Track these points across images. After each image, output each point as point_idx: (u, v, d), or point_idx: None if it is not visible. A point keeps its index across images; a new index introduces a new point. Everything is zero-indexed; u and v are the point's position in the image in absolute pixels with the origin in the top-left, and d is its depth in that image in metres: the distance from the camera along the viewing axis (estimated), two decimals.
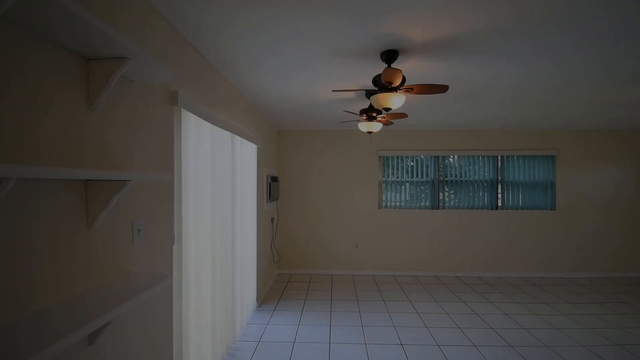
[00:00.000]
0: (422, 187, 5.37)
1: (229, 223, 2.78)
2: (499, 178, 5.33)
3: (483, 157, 5.35)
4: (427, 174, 5.37)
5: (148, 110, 1.63)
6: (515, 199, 5.33)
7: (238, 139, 3.02)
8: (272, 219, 4.75)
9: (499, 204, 5.32)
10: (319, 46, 2.23)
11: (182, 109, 1.92)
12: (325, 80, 2.93)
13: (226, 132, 2.69)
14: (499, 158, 5.33)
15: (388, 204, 5.33)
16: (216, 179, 2.46)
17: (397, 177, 5.37)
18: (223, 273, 2.64)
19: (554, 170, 5.28)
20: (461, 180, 5.36)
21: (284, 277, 5.00)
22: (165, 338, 1.79)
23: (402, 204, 5.35)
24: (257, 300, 3.80)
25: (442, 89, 2.42)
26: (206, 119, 2.21)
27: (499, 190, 5.33)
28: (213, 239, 2.41)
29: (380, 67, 2.58)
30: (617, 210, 5.24)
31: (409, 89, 2.44)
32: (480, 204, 5.33)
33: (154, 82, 1.60)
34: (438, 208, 5.30)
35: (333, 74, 2.75)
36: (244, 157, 3.22)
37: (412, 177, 5.39)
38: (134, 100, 1.51)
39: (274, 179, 4.58)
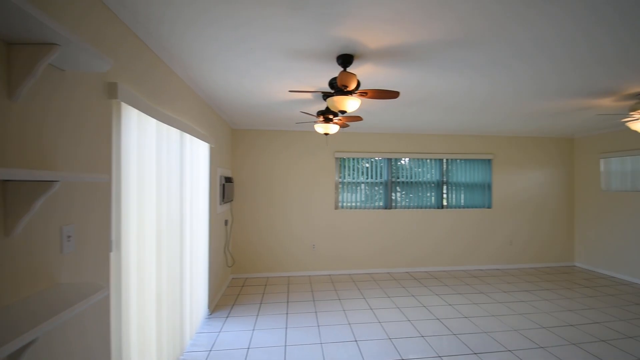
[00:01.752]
0: (376, 188, 5.57)
1: (177, 227, 2.61)
2: (445, 179, 5.72)
3: (431, 160, 5.70)
4: (381, 175, 5.58)
5: (82, 103, 1.46)
6: (458, 199, 5.76)
7: (188, 137, 2.86)
8: (226, 222, 4.58)
9: (445, 203, 5.71)
10: (275, 45, 2.20)
11: (122, 102, 1.76)
12: (281, 80, 2.91)
13: (174, 129, 2.53)
14: (445, 161, 5.73)
15: (344, 204, 5.43)
16: (162, 179, 2.30)
17: (353, 178, 5.51)
18: (170, 281, 2.48)
19: (491, 172, 5.81)
20: (412, 182, 5.66)
21: (238, 282, 4.84)
22: (101, 356, 1.62)
23: (358, 204, 5.49)
24: (209, 307, 3.63)
25: (393, 94, 2.53)
26: (151, 115, 2.05)
27: (445, 191, 5.72)
28: (159, 245, 2.25)
29: (336, 70, 2.63)
30: (543, 208, 5.92)
31: (364, 93, 2.52)
32: (428, 204, 5.67)
33: (90, 72, 1.45)
34: (391, 208, 5.53)
35: (290, 74, 2.74)
36: (194, 156, 3.06)
37: (368, 178, 5.56)
38: (66, 92, 1.35)
39: (228, 179, 4.43)
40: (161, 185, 2.28)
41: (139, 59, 2.04)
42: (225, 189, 4.17)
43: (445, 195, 5.72)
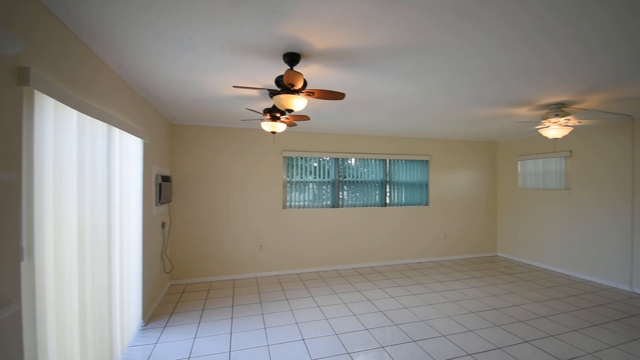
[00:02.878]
0: (324, 187, 5.64)
1: (104, 231, 2.35)
2: (388, 179, 6.02)
3: (375, 160, 5.95)
4: (329, 175, 5.67)
5: None
6: (399, 197, 6.11)
7: (117, 131, 2.59)
8: (163, 224, 4.25)
9: (388, 201, 6.01)
10: (218, 38, 2.09)
11: (35, 90, 1.53)
12: (225, 75, 2.78)
13: (101, 122, 2.27)
14: (388, 161, 6.03)
15: (292, 203, 5.41)
16: (85, 178, 2.05)
17: (302, 177, 5.51)
18: (96, 291, 2.22)
19: (428, 172, 6.26)
20: (358, 181, 5.85)
21: (177, 288, 4.53)
22: None
23: (306, 203, 5.51)
24: (144, 318, 3.34)
25: (339, 96, 2.58)
26: (71, 105, 1.81)
27: (388, 190, 6.02)
28: (81, 252, 2.00)
29: (282, 68, 2.59)
30: (472, 204, 6.56)
31: (310, 93, 2.52)
32: (373, 202, 5.92)
33: None
34: (338, 207, 5.66)
35: (234, 69, 2.63)
36: (125, 153, 2.78)
37: (316, 177, 5.60)
38: None
39: (166, 178, 4.11)
40: (84, 185, 2.03)
41: (60, 44, 1.79)
42: (162, 188, 3.87)
43: (388, 194, 6.02)
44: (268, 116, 3.28)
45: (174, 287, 4.55)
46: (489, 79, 2.88)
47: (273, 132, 3.35)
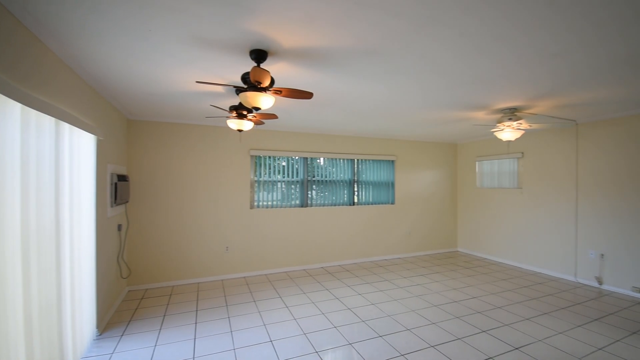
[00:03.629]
0: (293, 187, 5.60)
1: (51, 234, 2.16)
2: (356, 178, 6.11)
3: (344, 159, 6.02)
4: (297, 174, 5.64)
5: None
6: (367, 196, 6.23)
7: (67, 126, 2.39)
8: (120, 226, 3.99)
9: (356, 200, 6.11)
10: (180, 30, 1.99)
11: None
12: (188, 69, 2.66)
13: (47, 117, 2.08)
14: (356, 161, 6.12)
15: (260, 203, 5.31)
16: (30, 177, 1.87)
17: (270, 177, 5.43)
18: (43, 301, 2.03)
19: (394, 172, 6.45)
20: (326, 180, 5.88)
21: (136, 294, 4.28)
22: None
23: (274, 203, 5.44)
24: (98, 327, 3.12)
25: (307, 95, 2.57)
26: (11, 97, 1.64)
27: (356, 189, 6.12)
28: (26, 257, 1.82)
29: (249, 65, 2.54)
30: (434, 202, 6.85)
31: (278, 91, 2.49)
32: (341, 201, 5.98)
33: None
34: (307, 206, 5.65)
35: (198, 63, 2.53)
36: (75, 150, 2.57)
37: (284, 176, 5.55)
38: None
39: (122, 177, 3.87)
40: (28, 184, 1.85)
41: None
42: (118, 188, 3.63)
43: (356, 193, 6.12)
44: (234, 114, 3.19)
45: (133, 293, 4.29)
46: (450, 84, 3.02)
47: (240, 130, 3.27)
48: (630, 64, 2.51)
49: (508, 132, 4.05)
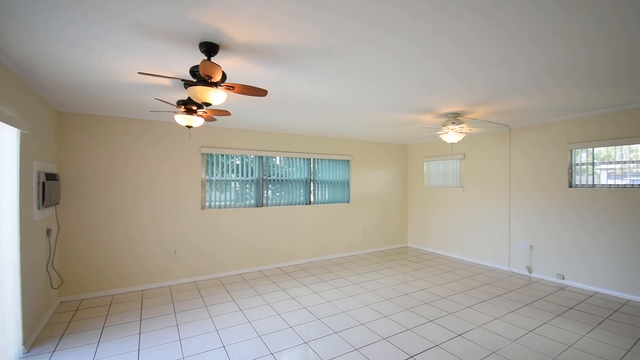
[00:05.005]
0: (248, 186, 5.46)
1: None
2: (312, 177, 6.14)
3: (300, 158, 6.01)
4: (252, 173, 5.50)
5: None
6: (323, 195, 6.30)
7: None
8: (49, 231, 3.56)
9: (312, 199, 6.14)
10: (120, 16, 1.83)
11: None
12: (130, 59, 2.46)
13: None
14: (312, 160, 6.15)
15: (212, 204, 5.09)
16: None
17: (223, 176, 5.22)
18: None
19: (349, 171, 6.60)
20: (283, 179, 5.82)
21: (70, 305, 3.86)
22: None
23: (228, 203, 5.25)
24: (25, 343, 2.75)
25: (262, 92, 2.51)
26: None
27: (312, 188, 6.15)
28: None
29: (199, 58, 2.42)
30: (387, 201, 7.14)
31: (230, 87, 2.40)
32: (298, 200, 5.97)
33: None
34: (262, 206, 5.54)
35: (141, 53, 2.34)
36: None
37: (239, 175, 5.38)
38: None
39: (51, 176, 3.46)
40: None
41: None
42: (46, 188, 3.24)
43: (312, 192, 6.15)
44: (182, 108, 3.02)
45: (65, 305, 3.86)
46: (400, 88, 3.16)
47: (189, 127, 3.10)
48: (555, 75, 2.84)
49: (452, 135, 4.35)
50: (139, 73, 2.12)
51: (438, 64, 2.58)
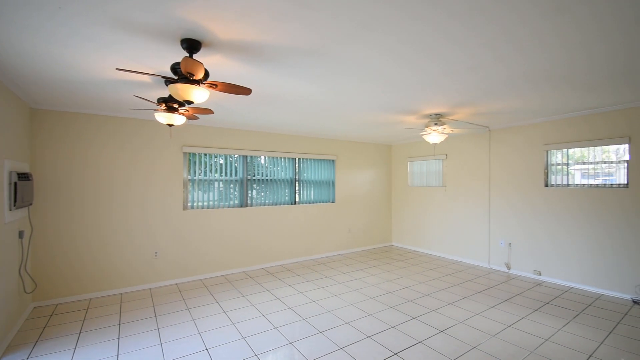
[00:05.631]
0: (232, 186, 5.38)
1: None
2: (297, 177, 6.12)
3: (285, 158, 5.98)
4: (236, 173, 5.43)
5: None
6: (308, 195, 6.29)
7: None
8: (21, 233, 3.40)
9: (297, 199, 6.12)
10: (98, 10, 1.76)
11: None
12: (108, 55, 2.38)
13: None
14: (297, 160, 6.13)
15: (195, 204, 4.99)
16: None
17: (206, 176, 5.13)
18: None
19: (334, 171, 6.62)
20: (268, 179, 5.78)
21: (44, 310, 3.70)
22: None
23: (211, 203, 5.16)
24: None
25: (246, 91, 2.48)
26: None
27: (297, 188, 6.13)
28: None
29: (180, 55, 2.37)
30: (372, 200, 7.20)
31: (213, 85, 2.36)
32: (283, 200, 5.94)
33: None
34: (247, 206, 5.48)
35: (120, 49, 2.27)
36: None
37: (222, 175, 5.30)
38: None
39: (24, 176, 3.30)
40: None
41: None
42: (18, 188, 3.09)
43: (297, 192, 6.13)
44: (163, 106, 2.95)
45: (40, 310, 3.70)
46: (385, 89, 3.19)
47: (170, 125, 3.02)
48: (532, 79, 2.94)
49: (434, 136, 4.44)
50: (117, 69, 2.05)
51: (423, 66, 2.62)
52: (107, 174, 4.26)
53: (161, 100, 2.93)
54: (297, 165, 6.12)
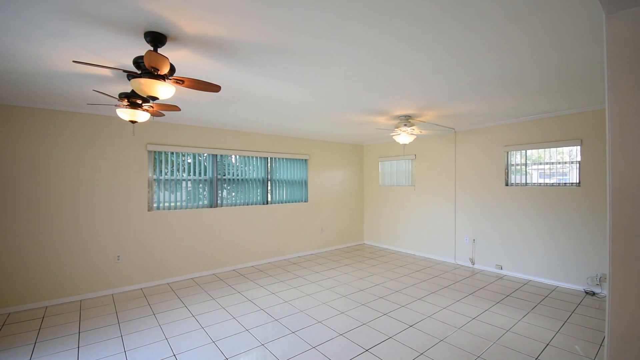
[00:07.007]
0: (201, 186, 5.21)
1: None
2: (269, 177, 6.05)
3: (257, 157, 5.89)
4: (206, 172, 5.27)
5: None
6: (281, 195, 6.24)
7: None
8: None
9: (270, 199, 6.05)
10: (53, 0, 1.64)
11: None
12: (64, 47, 2.22)
13: None
14: (269, 159, 6.06)
15: (161, 204, 4.79)
16: None
17: (173, 175, 4.93)
18: None
19: (307, 170, 6.62)
20: (239, 179, 5.66)
21: None
22: None
23: (179, 204, 4.97)
24: None
25: (215, 88, 2.41)
26: None
27: (269, 188, 6.06)
28: None
29: (144, 49, 2.26)
30: (344, 200, 7.28)
31: (180, 81, 2.28)
32: (255, 200, 5.85)
33: None
34: (217, 206, 5.33)
35: (77, 41, 2.13)
36: None
37: (190, 175, 5.12)
38: None
39: None
40: None
41: None
42: None
43: (270, 192, 6.06)
44: (126, 102, 2.79)
45: None
46: (355, 90, 3.23)
47: (133, 122, 2.87)
48: (494, 84, 3.10)
49: (404, 136, 4.56)
50: (73, 62, 1.91)
51: (392, 68, 2.68)
52: (66, 172, 3.98)
53: (123, 96, 2.78)
54: (269, 164, 6.05)
